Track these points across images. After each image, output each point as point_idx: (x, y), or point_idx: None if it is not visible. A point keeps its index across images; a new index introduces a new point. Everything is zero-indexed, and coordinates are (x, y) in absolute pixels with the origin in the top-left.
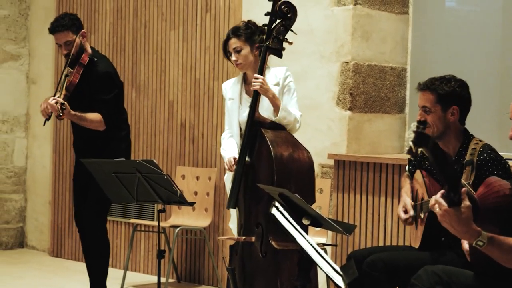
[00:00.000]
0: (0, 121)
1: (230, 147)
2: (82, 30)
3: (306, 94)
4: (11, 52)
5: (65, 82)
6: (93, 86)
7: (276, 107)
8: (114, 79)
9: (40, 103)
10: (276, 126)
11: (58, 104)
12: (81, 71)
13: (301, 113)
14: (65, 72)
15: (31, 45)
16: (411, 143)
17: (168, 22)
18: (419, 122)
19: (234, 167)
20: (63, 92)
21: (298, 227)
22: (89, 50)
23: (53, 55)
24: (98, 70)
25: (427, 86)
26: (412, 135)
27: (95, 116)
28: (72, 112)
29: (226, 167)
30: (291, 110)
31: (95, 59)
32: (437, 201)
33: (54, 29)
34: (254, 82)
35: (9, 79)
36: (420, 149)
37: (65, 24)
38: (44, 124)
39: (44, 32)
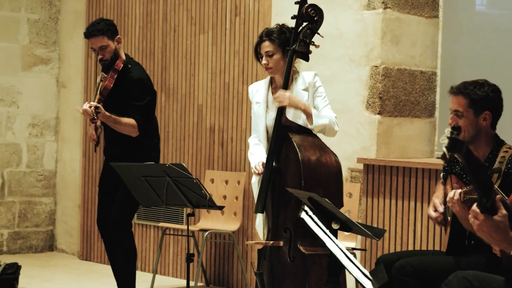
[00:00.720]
0: (30, 124)
1: (257, 152)
2: (118, 36)
3: (335, 98)
4: (42, 56)
5: (99, 86)
6: (126, 92)
7: (310, 118)
8: (148, 86)
9: (88, 130)
10: (304, 130)
11: (92, 107)
12: (115, 76)
13: (335, 114)
14: (99, 78)
15: (61, 49)
16: (444, 149)
17: (198, 26)
18: (453, 128)
19: (261, 172)
20: (97, 96)
21: (327, 231)
22: (123, 56)
23: (83, 59)
24: (132, 77)
25: (460, 90)
26: (446, 141)
27: (129, 120)
28: (107, 113)
29: (253, 172)
30: (324, 113)
31: (129, 66)
32: (473, 211)
33: (89, 33)
34: (279, 98)
35: (40, 83)
36: (452, 155)
37: (100, 29)
38: (95, 150)
39: (74, 36)
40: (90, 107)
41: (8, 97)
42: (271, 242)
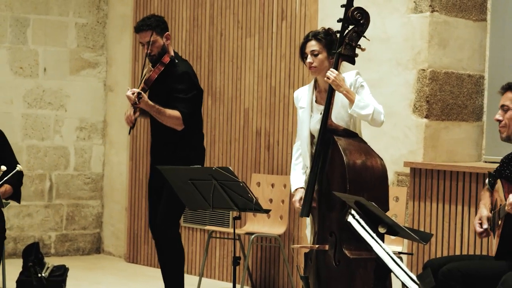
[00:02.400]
0: (78, 128)
1: (295, 176)
2: (167, 32)
3: (382, 101)
4: (89, 60)
5: (144, 76)
6: (172, 86)
7: (351, 102)
8: (194, 80)
9: (125, 111)
10: (349, 134)
11: (135, 93)
12: (162, 69)
13: (382, 105)
14: (145, 70)
15: (109, 53)
16: None
17: (244, 29)
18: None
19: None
20: (141, 85)
21: (374, 235)
22: (172, 52)
23: (130, 62)
24: (178, 70)
25: (509, 87)
26: None
27: (174, 112)
28: (150, 102)
29: (294, 204)
30: (368, 101)
31: (176, 61)
32: None
33: (139, 28)
34: (328, 73)
35: (87, 87)
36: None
37: (150, 24)
38: (129, 132)
39: (122, 40)
40: (133, 93)
41: (56, 100)
42: (317, 246)
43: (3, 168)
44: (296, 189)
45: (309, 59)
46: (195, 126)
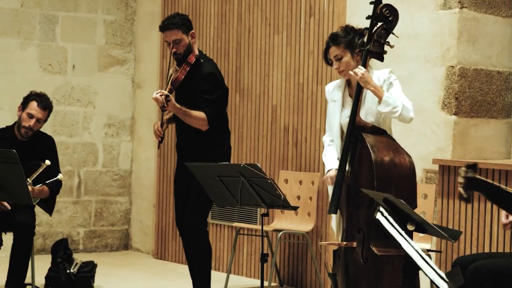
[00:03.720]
0: (106, 124)
1: (330, 154)
2: (192, 31)
3: (410, 98)
4: (117, 57)
5: (171, 78)
6: (197, 86)
7: (380, 98)
8: (219, 81)
9: (153, 124)
10: (377, 131)
11: (163, 96)
12: (187, 69)
13: (411, 102)
14: (171, 70)
15: (137, 49)
16: (461, 189)
17: (272, 26)
18: (467, 166)
19: (331, 180)
20: (168, 86)
21: (403, 232)
22: (196, 51)
23: (158, 59)
24: (203, 71)
25: None
26: (462, 180)
27: (199, 113)
28: (177, 105)
29: (326, 181)
30: (397, 97)
31: (202, 60)
32: None
33: (164, 26)
34: (356, 69)
35: (115, 84)
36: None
37: (175, 22)
38: (158, 147)
39: (150, 37)
40: (161, 95)
41: (85, 97)
42: (345, 243)
43: (48, 162)
44: (329, 170)
45: (335, 65)
46: (221, 125)
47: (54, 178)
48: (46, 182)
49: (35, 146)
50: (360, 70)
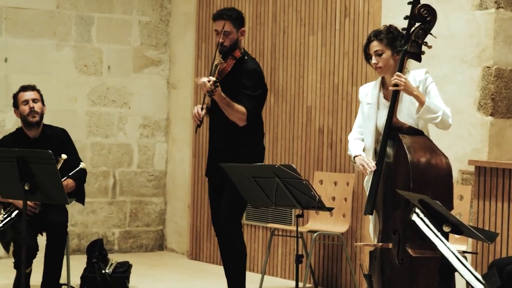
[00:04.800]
0: (141, 125)
1: (355, 144)
2: (243, 28)
3: (446, 99)
4: (152, 57)
5: (218, 68)
6: (240, 82)
7: (422, 103)
8: (262, 79)
9: (192, 109)
10: (414, 132)
11: (211, 82)
12: (233, 63)
13: (449, 108)
14: (216, 61)
15: (172, 50)
16: None
17: (307, 27)
18: None
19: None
20: (215, 75)
21: (439, 234)
22: (241, 49)
23: (193, 60)
24: (248, 67)
25: None
26: None
27: (241, 107)
28: (223, 94)
29: (362, 167)
30: (438, 105)
31: (246, 57)
32: None
33: (219, 15)
34: (396, 80)
35: (150, 84)
36: None
37: (230, 15)
38: (196, 131)
39: (185, 38)
40: (209, 81)
41: (120, 98)
42: (380, 244)
43: (64, 156)
44: (355, 156)
45: (374, 60)
46: (256, 124)
47: (77, 168)
48: (69, 174)
49: (48, 141)
50: (400, 79)
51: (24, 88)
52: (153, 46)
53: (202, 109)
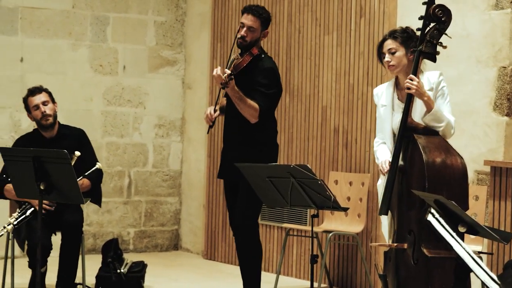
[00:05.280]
0: (156, 125)
1: (382, 149)
2: (267, 31)
3: (462, 99)
4: (168, 57)
5: (234, 62)
6: (255, 79)
7: (429, 110)
8: (277, 78)
9: (205, 110)
10: (430, 132)
11: (226, 74)
12: (250, 59)
13: (454, 118)
14: (233, 56)
15: (187, 50)
16: None
17: (322, 27)
18: None
19: (387, 170)
20: (231, 68)
21: (454, 234)
22: (259, 48)
23: (208, 60)
24: (264, 65)
25: None
26: None
27: (253, 103)
28: (236, 88)
29: (380, 170)
30: (445, 114)
31: (263, 56)
32: None
33: (251, 9)
34: (408, 83)
35: (166, 84)
36: None
37: (261, 13)
38: (208, 132)
39: (200, 38)
40: (223, 73)
41: (135, 98)
42: (395, 244)
43: (77, 153)
44: (383, 161)
45: (387, 57)
46: (270, 122)
47: (93, 168)
48: (85, 174)
49: (64, 141)
50: (413, 83)
51: (32, 92)
52: (169, 46)
53: (215, 110)
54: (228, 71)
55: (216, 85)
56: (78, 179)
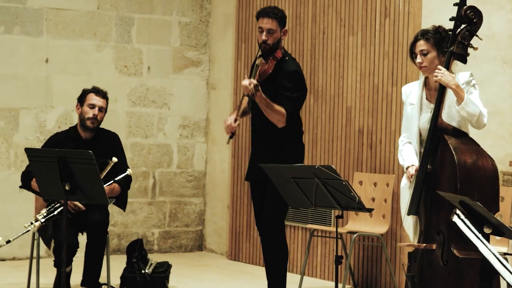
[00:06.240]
0: (181, 126)
1: (408, 154)
2: (285, 28)
3: (487, 100)
4: (192, 58)
5: (258, 69)
6: (280, 83)
7: (460, 99)
8: (302, 80)
9: (225, 119)
10: (459, 133)
11: (252, 84)
12: (274, 64)
13: (486, 109)
14: (258, 61)
15: (211, 51)
16: None
17: (347, 27)
18: None
19: (412, 176)
20: (256, 77)
21: (479, 235)
22: (282, 50)
23: (233, 61)
24: (288, 68)
25: None
26: None
27: (280, 108)
28: (263, 95)
29: (406, 174)
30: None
31: (287, 58)
32: None
33: (265, 13)
34: (436, 72)
35: (190, 85)
36: None
37: (276, 13)
38: (228, 142)
39: (224, 39)
40: (250, 84)
41: (160, 99)
42: (424, 245)
43: (114, 159)
44: (409, 166)
45: (419, 59)
46: (295, 123)
47: (123, 174)
48: (116, 179)
49: (99, 144)
50: (439, 71)
51: (97, 92)
52: (193, 46)
53: (235, 120)
54: (254, 81)
55: (240, 85)
56: (108, 183)
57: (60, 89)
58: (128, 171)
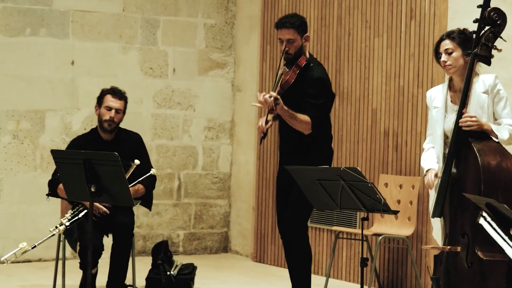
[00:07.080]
0: (206, 128)
1: (429, 158)
2: (306, 34)
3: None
4: (217, 60)
5: (280, 79)
6: (305, 90)
7: (492, 133)
8: (327, 86)
9: (257, 121)
10: (484, 136)
11: (272, 98)
12: (297, 72)
13: None
14: (280, 71)
15: (237, 53)
16: None
17: (372, 29)
18: None
19: (433, 184)
20: (277, 88)
21: (506, 238)
22: (307, 55)
23: (258, 63)
24: (313, 75)
25: None
26: None
27: (304, 117)
28: (285, 107)
29: (425, 181)
30: (505, 123)
31: (311, 64)
32: None
33: (282, 24)
34: (469, 121)
35: (215, 87)
36: None
37: (293, 22)
38: (260, 143)
39: (250, 41)
40: (270, 97)
41: (185, 100)
42: (448, 247)
43: (137, 162)
44: (428, 170)
45: (443, 57)
46: (324, 129)
47: (147, 174)
48: (140, 179)
49: (122, 145)
50: (469, 119)
51: (114, 93)
52: (218, 48)
53: (266, 122)
54: (274, 94)
55: (265, 87)
56: (133, 184)
57: (86, 91)
58: (152, 171)
